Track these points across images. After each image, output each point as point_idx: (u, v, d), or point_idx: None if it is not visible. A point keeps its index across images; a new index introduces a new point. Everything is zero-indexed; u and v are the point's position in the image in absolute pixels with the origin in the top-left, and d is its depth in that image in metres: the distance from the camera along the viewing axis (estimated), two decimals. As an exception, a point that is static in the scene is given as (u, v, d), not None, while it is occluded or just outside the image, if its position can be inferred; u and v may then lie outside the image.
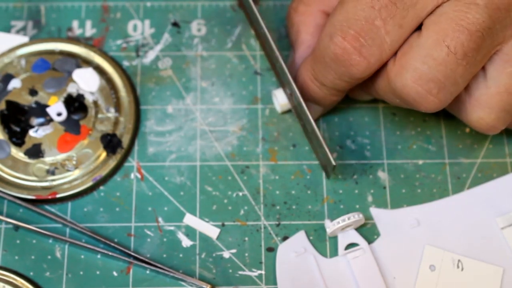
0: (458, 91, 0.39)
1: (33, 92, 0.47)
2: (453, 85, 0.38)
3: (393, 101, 0.41)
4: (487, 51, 0.38)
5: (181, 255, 0.44)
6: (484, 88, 0.40)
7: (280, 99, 0.46)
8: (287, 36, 0.50)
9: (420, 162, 0.46)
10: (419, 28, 0.39)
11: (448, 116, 0.47)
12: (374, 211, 0.45)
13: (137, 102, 0.47)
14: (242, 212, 0.45)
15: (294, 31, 0.45)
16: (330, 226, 0.43)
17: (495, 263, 0.43)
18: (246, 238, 0.44)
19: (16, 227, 0.44)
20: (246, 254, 0.44)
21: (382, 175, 0.46)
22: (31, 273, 0.43)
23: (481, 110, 0.40)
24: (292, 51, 0.46)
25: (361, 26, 0.38)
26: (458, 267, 0.43)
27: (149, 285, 0.43)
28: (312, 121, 0.43)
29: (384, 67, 0.40)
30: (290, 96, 0.45)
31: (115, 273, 0.43)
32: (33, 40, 0.49)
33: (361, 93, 0.45)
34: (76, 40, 0.49)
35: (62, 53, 0.48)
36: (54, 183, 0.45)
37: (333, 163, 0.42)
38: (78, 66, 0.48)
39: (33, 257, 0.43)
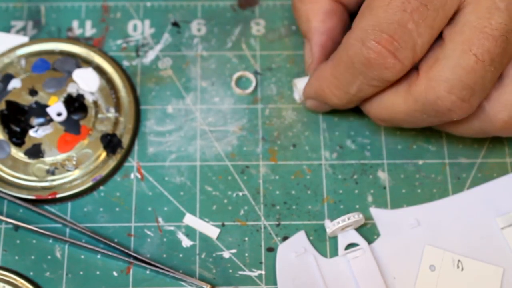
0: (486, 94, 0.39)
1: (33, 92, 0.47)
2: (482, 90, 0.38)
3: (416, 119, 0.41)
4: (511, 54, 0.38)
5: (181, 255, 0.44)
6: (502, 88, 0.40)
7: (300, 88, 0.46)
8: (287, 35, 0.50)
9: (420, 162, 0.46)
10: (439, 36, 0.39)
11: (448, 116, 0.47)
12: (374, 211, 0.45)
13: (137, 102, 0.47)
14: (242, 212, 0.45)
15: (303, 21, 0.45)
16: (330, 226, 0.43)
17: (495, 263, 0.43)
18: (246, 238, 0.44)
19: (16, 227, 0.44)
20: (246, 254, 0.44)
21: (382, 175, 0.46)
22: (31, 273, 0.43)
23: (504, 112, 0.40)
24: (307, 41, 0.45)
25: (394, 29, 0.38)
26: (458, 267, 0.43)
27: (149, 285, 0.43)
28: None
29: (400, 91, 0.40)
30: None
31: (115, 273, 0.43)
32: (33, 40, 0.49)
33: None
34: (76, 40, 0.49)
35: (62, 53, 0.48)
36: (54, 183, 0.45)
37: None
38: (78, 66, 0.48)
39: (33, 257, 0.43)
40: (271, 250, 0.44)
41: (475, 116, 0.41)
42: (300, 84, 0.46)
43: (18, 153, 0.45)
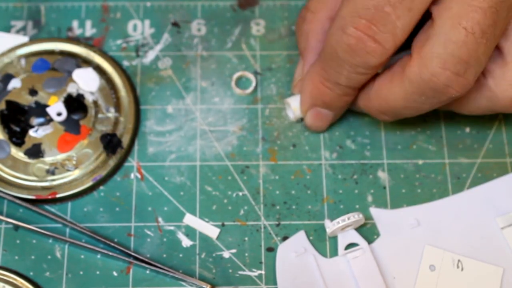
0: (482, 68, 0.39)
1: (33, 92, 0.47)
2: (477, 63, 0.38)
3: (415, 103, 0.40)
4: (503, 25, 0.38)
5: (181, 255, 0.44)
6: (505, 65, 0.40)
7: (294, 107, 0.46)
8: (287, 35, 0.50)
9: (420, 162, 0.46)
10: (429, 16, 0.39)
11: (448, 116, 0.47)
12: (374, 211, 0.45)
13: (137, 102, 0.47)
14: (242, 212, 0.45)
15: (303, 39, 0.45)
16: (330, 226, 0.43)
17: (495, 263, 0.43)
18: (246, 238, 0.44)
19: (16, 227, 0.44)
20: (246, 254, 0.44)
21: (382, 175, 0.46)
22: (31, 273, 0.43)
23: (511, 89, 0.40)
24: (302, 59, 0.46)
25: (372, 14, 0.38)
26: (458, 267, 0.43)
27: (149, 285, 0.43)
28: None
29: (395, 78, 0.40)
30: None
31: (115, 273, 0.43)
32: (33, 40, 0.49)
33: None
34: (76, 40, 0.49)
35: (62, 53, 0.48)
36: (54, 183, 0.45)
37: None
38: (78, 66, 0.48)
39: (33, 257, 0.43)
40: (271, 250, 0.44)
41: (481, 94, 0.41)
42: (293, 102, 0.46)
43: (18, 153, 0.45)
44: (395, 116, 0.43)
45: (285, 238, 0.44)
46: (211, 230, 0.44)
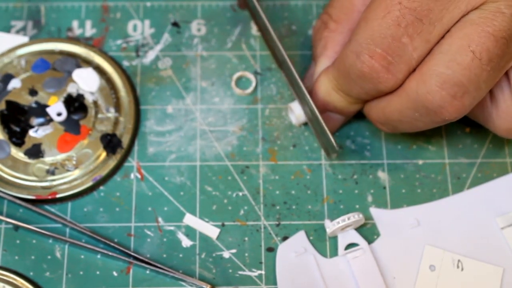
0: (481, 96, 0.38)
1: (33, 92, 0.47)
2: (476, 90, 0.38)
3: (409, 118, 0.40)
4: (510, 58, 0.38)
5: (181, 255, 0.44)
6: (511, 100, 0.40)
7: (296, 112, 0.46)
8: (287, 35, 0.50)
9: (420, 162, 0.46)
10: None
11: (448, 116, 0.47)
12: (374, 211, 0.45)
13: (137, 102, 0.47)
14: (242, 212, 0.45)
15: (320, 45, 0.45)
16: (330, 226, 0.43)
17: (495, 263, 0.43)
18: (246, 238, 0.44)
19: (16, 227, 0.44)
20: (246, 254, 0.44)
21: (382, 175, 0.46)
22: (31, 273, 0.43)
23: (509, 122, 0.40)
24: (313, 64, 0.45)
25: (388, 44, 0.38)
26: (458, 267, 0.43)
27: (149, 285, 0.43)
28: (315, 109, 0.43)
29: (397, 89, 0.40)
30: (292, 86, 0.45)
31: (115, 273, 0.43)
32: (33, 40, 0.49)
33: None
34: (76, 40, 0.49)
35: (62, 53, 0.48)
36: (54, 183, 0.45)
37: (337, 148, 0.42)
38: (78, 66, 0.48)
39: (33, 257, 0.43)
40: (271, 250, 0.44)
41: (481, 112, 0.41)
42: (297, 108, 0.46)
43: (18, 153, 0.45)
44: (392, 128, 0.42)
45: (285, 238, 0.44)
46: (211, 230, 0.44)
